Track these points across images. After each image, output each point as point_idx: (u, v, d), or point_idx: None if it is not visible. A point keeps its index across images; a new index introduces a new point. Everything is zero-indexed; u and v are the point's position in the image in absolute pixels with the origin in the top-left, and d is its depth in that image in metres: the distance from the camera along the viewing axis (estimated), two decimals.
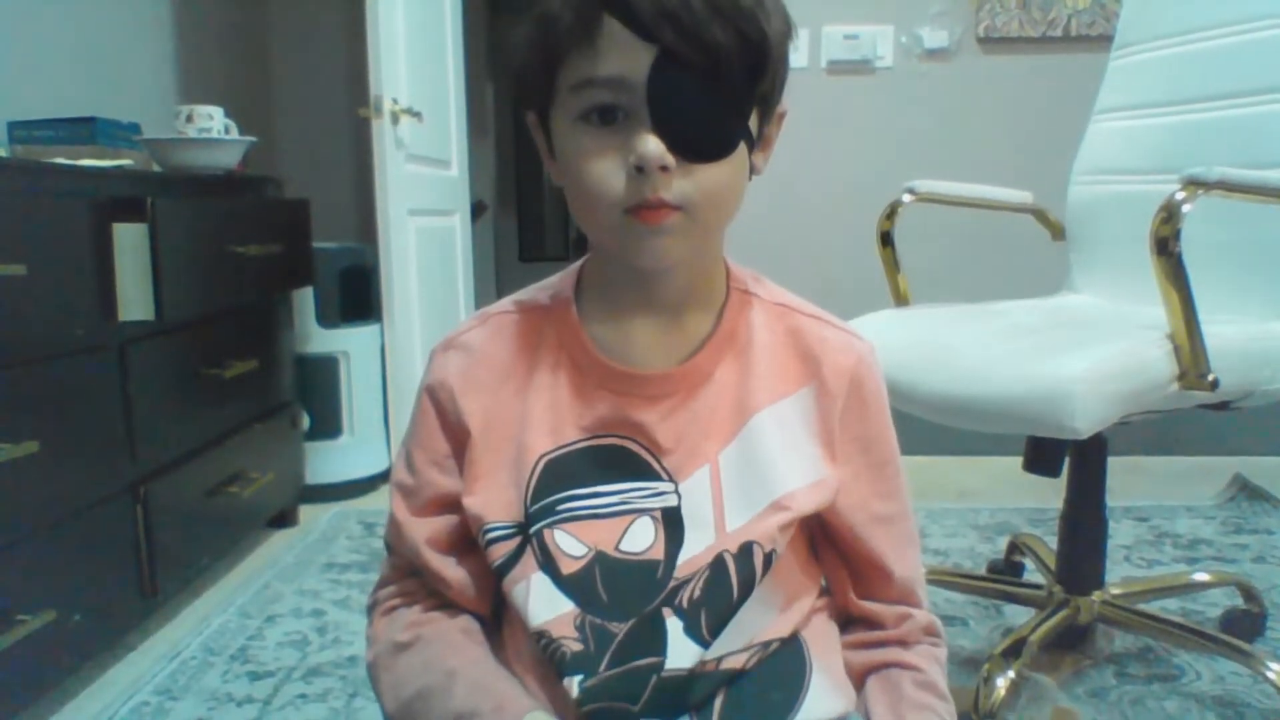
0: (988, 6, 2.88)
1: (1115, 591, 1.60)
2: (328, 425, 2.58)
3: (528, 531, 0.72)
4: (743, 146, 0.65)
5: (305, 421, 2.46)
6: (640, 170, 0.62)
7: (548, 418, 0.74)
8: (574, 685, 0.68)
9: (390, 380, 2.56)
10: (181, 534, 1.80)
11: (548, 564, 0.71)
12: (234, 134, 2.06)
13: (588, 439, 0.73)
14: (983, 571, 2.01)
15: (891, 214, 1.68)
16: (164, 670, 1.63)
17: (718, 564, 0.70)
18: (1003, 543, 2.14)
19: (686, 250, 0.68)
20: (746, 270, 0.79)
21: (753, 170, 0.69)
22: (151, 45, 2.57)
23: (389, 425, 2.64)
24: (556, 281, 0.79)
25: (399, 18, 2.53)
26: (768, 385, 0.74)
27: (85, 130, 1.91)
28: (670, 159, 0.62)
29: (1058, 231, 1.81)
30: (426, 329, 2.67)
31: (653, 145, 0.61)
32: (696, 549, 0.70)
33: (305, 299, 2.50)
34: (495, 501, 0.73)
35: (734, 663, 0.71)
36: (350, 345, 2.60)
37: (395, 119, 2.51)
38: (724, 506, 0.72)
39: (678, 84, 0.61)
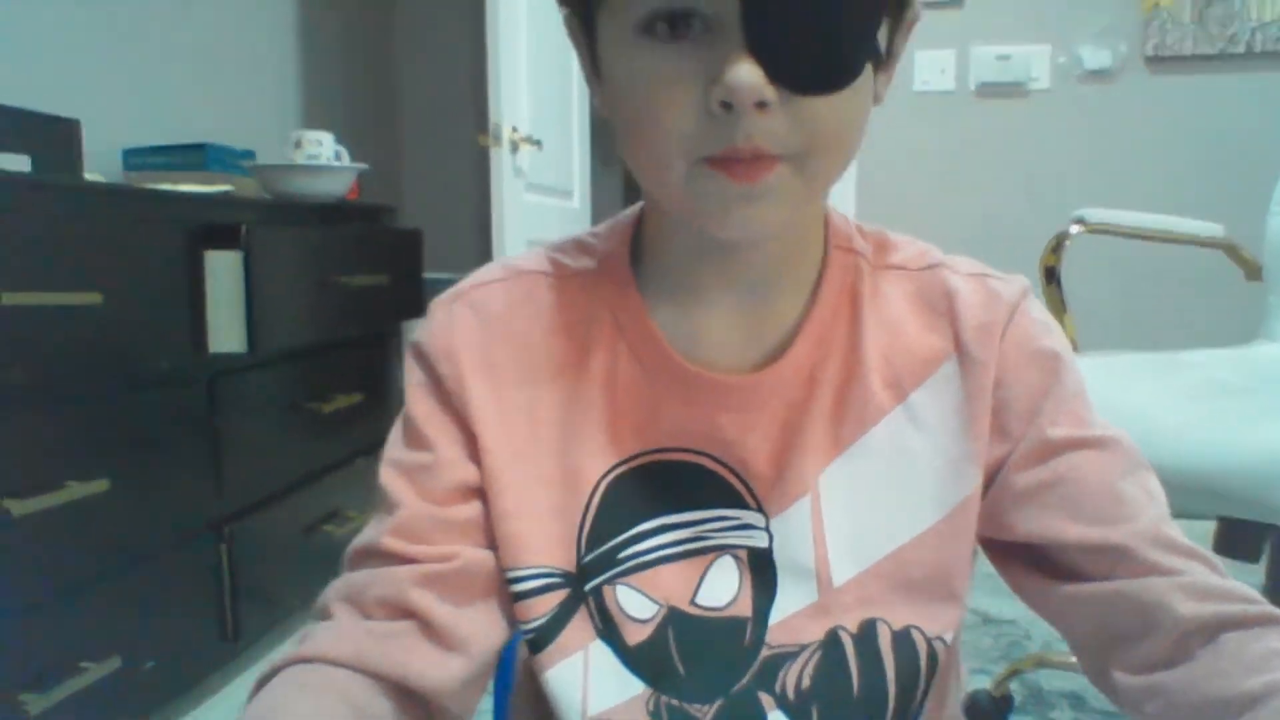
0: (1157, 23, 2.62)
1: None
2: None
3: (582, 587, 0.55)
4: (868, 69, 0.47)
5: None
6: (728, 108, 0.44)
7: (603, 426, 0.56)
8: None
9: None
10: (269, 575, 1.71)
11: (609, 632, 0.55)
12: (345, 160, 2.00)
13: (653, 452, 0.56)
14: None
15: (1058, 247, 1.46)
16: None
17: (831, 644, 0.54)
18: None
19: (788, 216, 0.50)
20: (859, 225, 0.60)
21: (875, 98, 0.51)
22: (275, 70, 2.57)
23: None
24: (604, 239, 0.60)
25: (521, 43, 2.45)
26: (890, 376, 0.55)
27: (197, 156, 1.89)
28: (770, 92, 0.44)
29: (1253, 270, 1.56)
30: None
31: (746, 73, 0.43)
32: (793, 606, 0.54)
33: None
34: (535, 535, 0.55)
35: None
36: None
37: (515, 147, 2.43)
38: (828, 551, 0.54)
39: None
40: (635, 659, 0.54)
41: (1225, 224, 1.59)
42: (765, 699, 0.54)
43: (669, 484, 0.55)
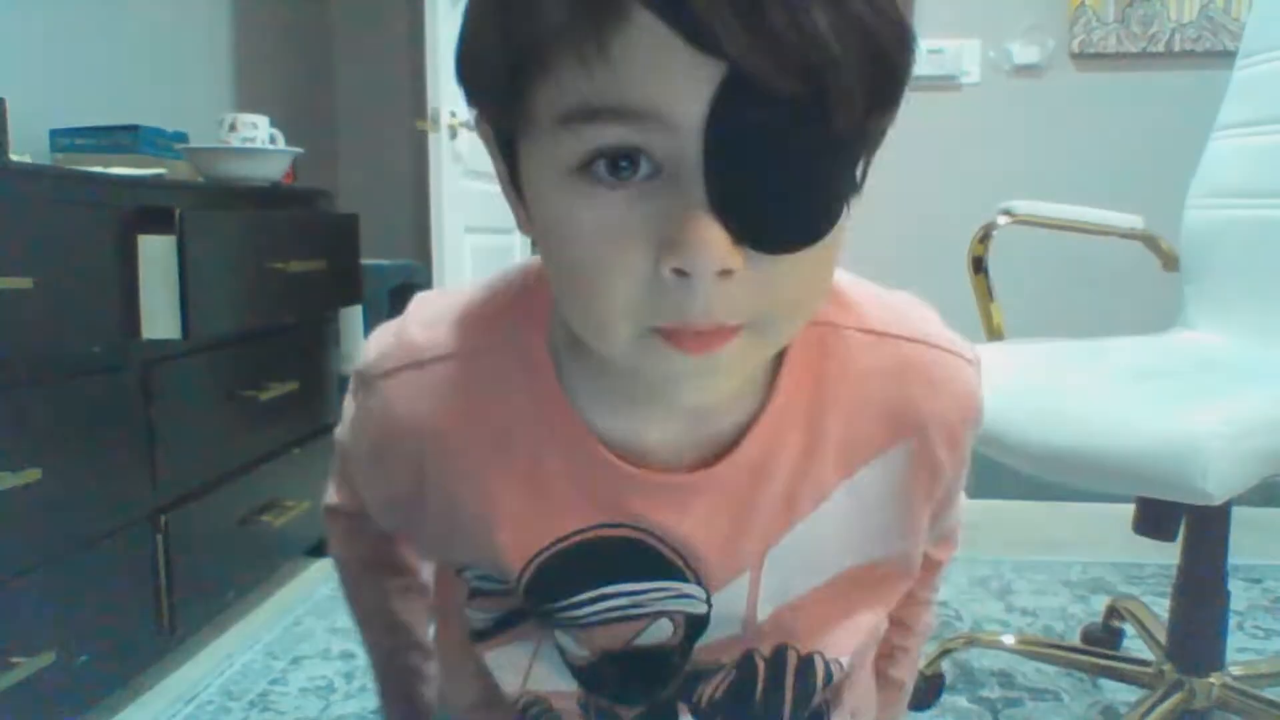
0: (1083, 21, 2.70)
1: (1237, 673, 1.40)
2: None
3: (528, 612, 0.58)
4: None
5: None
6: (682, 273, 0.38)
7: (530, 514, 0.53)
8: None
9: None
10: (206, 566, 1.69)
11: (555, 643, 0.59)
12: (280, 144, 1.97)
13: (590, 529, 0.53)
14: (1076, 637, 1.80)
15: (985, 238, 1.50)
16: (179, 714, 1.52)
17: (745, 665, 0.58)
18: (1097, 602, 1.94)
19: (745, 375, 0.46)
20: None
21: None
22: (209, 53, 2.51)
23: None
24: (518, 304, 0.54)
25: (459, 26, 2.43)
26: (842, 457, 0.53)
27: (129, 138, 1.84)
28: (737, 258, 0.38)
29: (1171, 261, 1.62)
30: None
31: (710, 237, 0.37)
32: (717, 636, 0.57)
33: (354, 318, 2.40)
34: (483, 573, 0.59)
35: None
36: None
37: (453, 132, 2.42)
38: (758, 601, 0.56)
39: (758, 125, 0.36)
40: (574, 669, 0.58)
41: (1145, 216, 1.65)
42: (681, 706, 0.58)
43: (606, 559, 0.54)
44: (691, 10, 0.34)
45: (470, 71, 0.44)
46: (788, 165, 0.37)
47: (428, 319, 0.56)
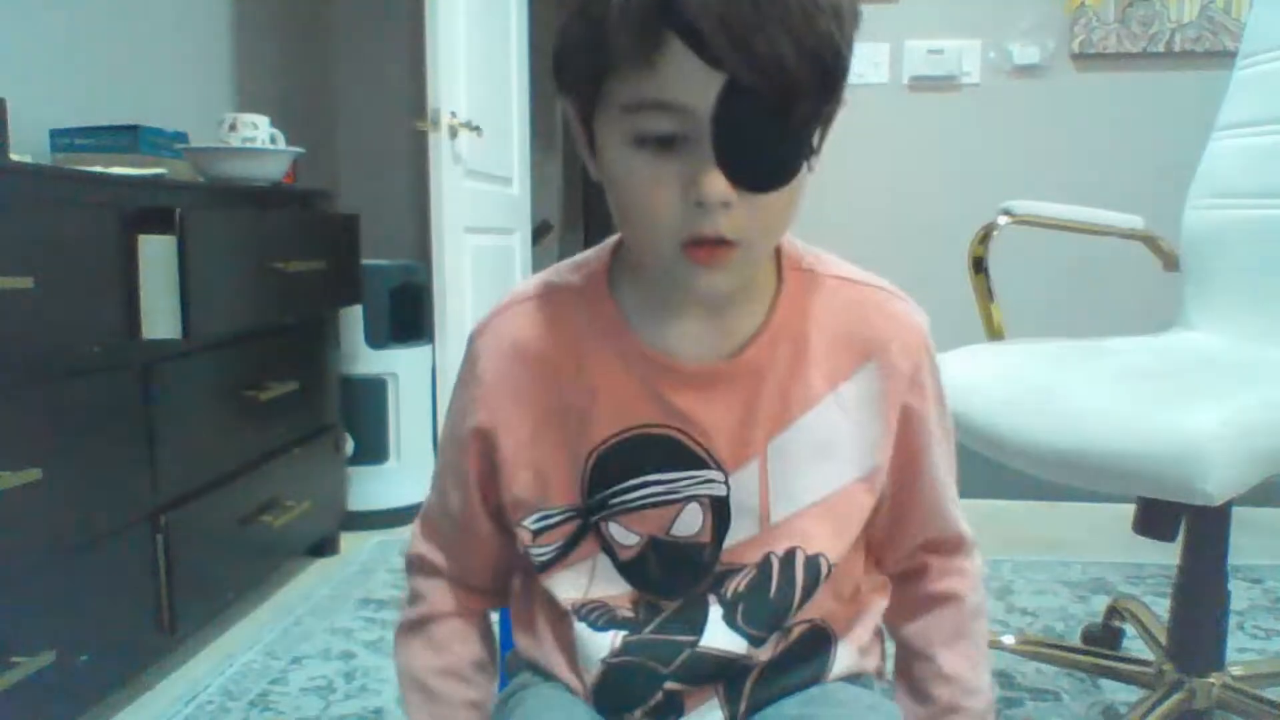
0: (1083, 21, 2.70)
1: (1237, 673, 1.40)
2: (374, 449, 2.47)
3: (588, 518, 0.73)
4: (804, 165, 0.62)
5: (349, 446, 2.36)
6: (701, 205, 0.59)
7: (592, 412, 0.72)
8: (618, 638, 0.73)
9: (440, 403, 2.46)
10: (207, 566, 1.69)
11: (607, 549, 0.74)
12: (280, 144, 1.97)
13: (635, 429, 0.71)
14: (1077, 637, 1.80)
15: (985, 238, 1.50)
16: (179, 714, 1.52)
17: (764, 565, 0.73)
18: (1097, 602, 1.95)
19: (739, 281, 0.66)
20: (805, 247, 0.75)
21: (809, 169, 0.64)
22: (209, 53, 2.51)
23: (438, 450, 2.54)
24: (589, 260, 0.76)
25: (460, 27, 2.43)
26: (826, 370, 0.72)
27: (129, 138, 1.84)
28: (733, 195, 0.59)
29: (1171, 261, 1.62)
30: None
31: (719, 183, 0.59)
32: (741, 535, 0.73)
33: (354, 318, 2.41)
34: (555, 487, 0.74)
35: (763, 655, 0.74)
36: (399, 366, 2.50)
37: (454, 133, 2.41)
38: (769, 499, 0.72)
39: (746, 114, 0.58)
40: (624, 569, 0.74)
41: (1145, 216, 1.64)
42: (711, 598, 0.73)
43: (648, 453, 0.71)
44: (706, 43, 0.55)
45: (563, 70, 0.64)
46: (764, 138, 0.59)
47: (529, 280, 0.76)
